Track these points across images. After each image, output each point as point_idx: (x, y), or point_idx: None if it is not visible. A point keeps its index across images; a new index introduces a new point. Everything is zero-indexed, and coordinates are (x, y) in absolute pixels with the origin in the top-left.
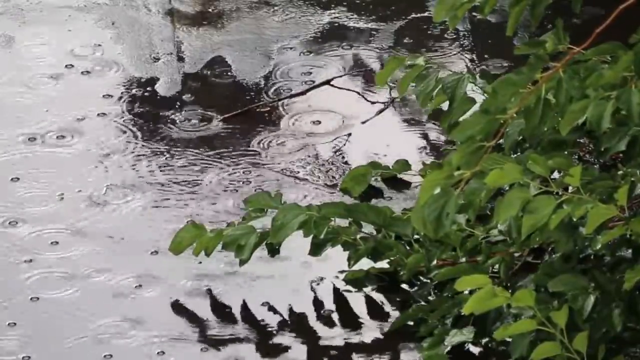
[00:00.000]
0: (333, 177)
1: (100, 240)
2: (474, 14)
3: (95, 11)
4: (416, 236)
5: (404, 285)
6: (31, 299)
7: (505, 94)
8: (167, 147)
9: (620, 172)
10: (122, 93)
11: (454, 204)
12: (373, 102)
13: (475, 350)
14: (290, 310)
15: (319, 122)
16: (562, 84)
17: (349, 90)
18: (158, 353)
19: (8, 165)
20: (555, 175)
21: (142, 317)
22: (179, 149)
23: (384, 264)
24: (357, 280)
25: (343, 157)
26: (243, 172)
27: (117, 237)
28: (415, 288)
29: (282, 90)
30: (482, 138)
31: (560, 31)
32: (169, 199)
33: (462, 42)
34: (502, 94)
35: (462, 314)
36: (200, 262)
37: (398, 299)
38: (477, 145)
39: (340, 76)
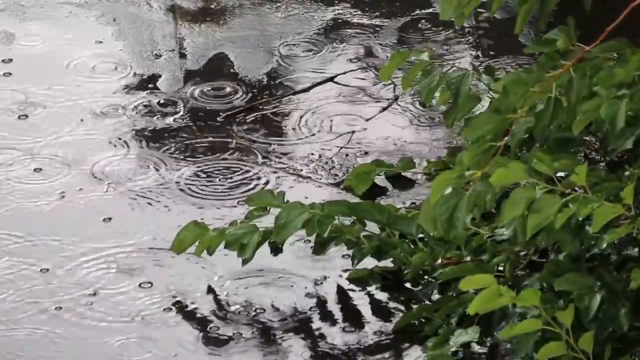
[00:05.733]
0: (336, 175)
1: (99, 230)
2: (479, 10)
3: (97, 7)
4: (420, 235)
5: (408, 284)
6: None
7: (516, 93)
8: (168, 145)
9: (627, 174)
10: (123, 90)
11: (465, 204)
12: (377, 99)
13: (480, 350)
14: (294, 309)
15: (323, 120)
16: (572, 83)
17: (352, 87)
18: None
19: None
20: (561, 173)
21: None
22: (180, 147)
23: (388, 263)
24: (361, 279)
25: (347, 155)
26: (245, 170)
27: (120, 234)
28: (420, 287)
29: (285, 87)
30: (493, 138)
31: (571, 30)
32: (170, 198)
33: (467, 39)
34: (513, 93)
35: (467, 313)
36: (202, 260)
37: (402, 298)
38: (487, 145)
39: (344, 73)
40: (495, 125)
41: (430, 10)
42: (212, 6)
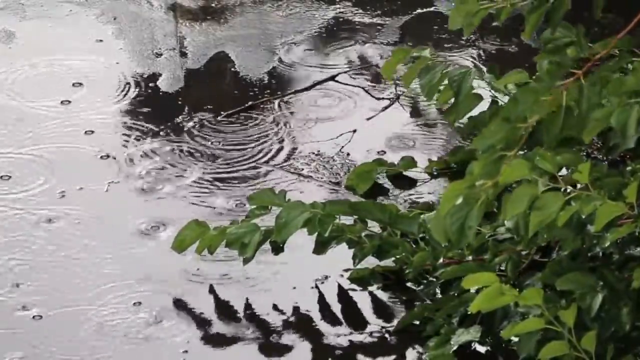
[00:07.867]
0: (338, 174)
1: (103, 238)
2: None
3: (97, 6)
4: (422, 234)
5: (410, 284)
6: None
7: (526, 102)
8: (169, 144)
9: (629, 169)
10: (124, 89)
11: (476, 214)
12: (378, 98)
13: (482, 349)
14: (295, 309)
15: (324, 119)
16: (583, 91)
17: (353, 86)
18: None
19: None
20: (564, 172)
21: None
22: (181, 146)
23: (389, 262)
24: (362, 279)
25: (348, 154)
26: (246, 169)
27: (120, 238)
28: (421, 286)
29: (286, 86)
30: (503, 147)
31: (580, 38)
32: (171, 196)
33: (468, 38)
34: (523, 101)
35: (469, 312)
36: (203, 259)
37: (404, 298)
38: (498, 155)
39: (345, 72)
40: (505, 135)
41: (432, 9)
42: (213, 5)
